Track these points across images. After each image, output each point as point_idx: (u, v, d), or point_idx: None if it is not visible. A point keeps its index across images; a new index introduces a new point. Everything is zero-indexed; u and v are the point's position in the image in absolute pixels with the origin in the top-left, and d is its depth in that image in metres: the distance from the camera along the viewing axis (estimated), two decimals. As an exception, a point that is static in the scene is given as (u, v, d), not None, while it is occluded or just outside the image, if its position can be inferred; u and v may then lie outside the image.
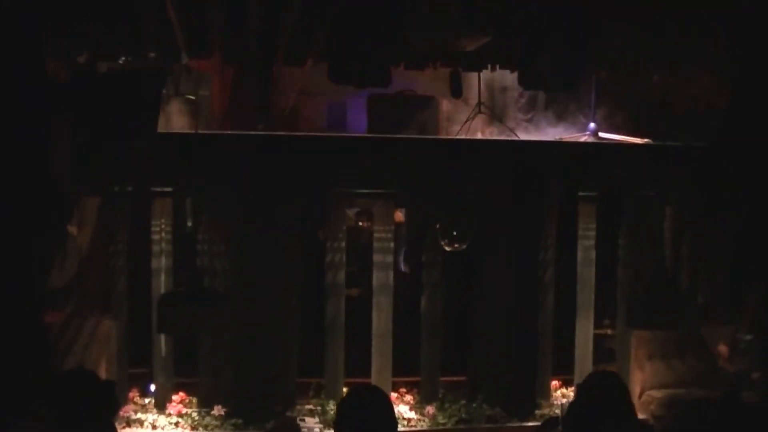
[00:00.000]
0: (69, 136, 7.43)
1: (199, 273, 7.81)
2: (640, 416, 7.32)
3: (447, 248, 8.98)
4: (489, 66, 8.36)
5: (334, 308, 9.25)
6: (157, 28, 7.33)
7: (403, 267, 11.20)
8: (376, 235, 9.39)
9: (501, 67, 8.34)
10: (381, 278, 9.35)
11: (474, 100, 9.58)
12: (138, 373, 9.23)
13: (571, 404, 4.90)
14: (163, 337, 8.92)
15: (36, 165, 6.87)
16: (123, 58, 7.99)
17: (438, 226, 9.04)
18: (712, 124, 9.06)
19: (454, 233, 8.85)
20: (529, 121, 10.02)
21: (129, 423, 8.65)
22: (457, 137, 9.07)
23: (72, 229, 8.26)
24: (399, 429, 8.60)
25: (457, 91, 8.98)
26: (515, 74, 9.62)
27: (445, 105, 9.74)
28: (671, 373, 9.52)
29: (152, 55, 7.73)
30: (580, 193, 9.29)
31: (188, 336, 8.89)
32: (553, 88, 8.18)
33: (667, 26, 7.50)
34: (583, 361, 9.68)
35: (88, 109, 7.32)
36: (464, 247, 8.92)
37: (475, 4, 6.98)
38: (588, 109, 9.46)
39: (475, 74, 9.31)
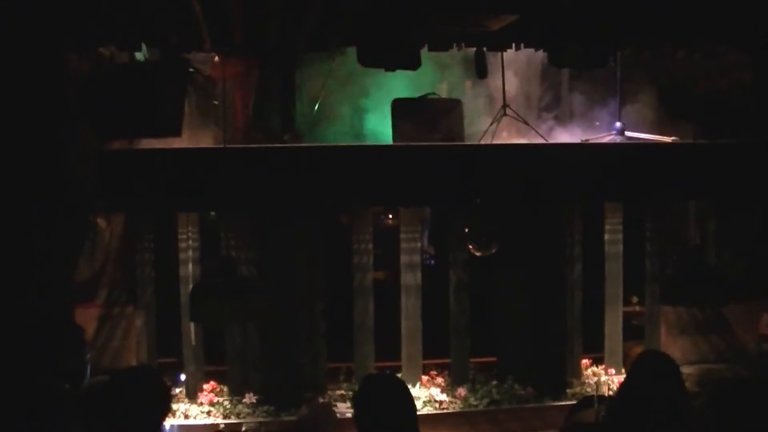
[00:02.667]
0: (89, 132, 7.39)
1: (231, 262, 7.77)
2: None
3: (476, 253, 8.98)
4: (514, 45, 8.28)
5: (363, 310, 9.26)
6: (180, 18, 7.26)
7: (427, 247, 11.19)
8: (402, 236, 9.39)
9: (526, 46, 8.24)
10: (409, 279, 9.37)
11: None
12: (167, 363, 9.26)
13: (622, 385, 4.88)
14: (192, 327, 8.94)
15: (53, 157, 6.82)
16: (144, 51, 7.96)
17: (466, 230, 9.04)
18: (738, 102, 9.00)
19: (483, 239, 8.86)
20: (554, 119, 9.95)
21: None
22: (482, 143, 9.00)
23: (100, 222, 8.25)
24: (431, 412, 8.79)
25: (481, 71, 8.88)
26: (538, 71, 9.62)
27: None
28: (700, 349, 9.54)
29: (174, 45, 7.67)
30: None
31: (219, 325, 8.91)
32: (583, 66, 8.09)
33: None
34: (613, 346, 9.74)
35: (110, 103, 7.27)
36: (492, 251, 8.92)
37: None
38: (614, 106, 9.39)
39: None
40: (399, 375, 9.21)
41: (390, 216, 10.61)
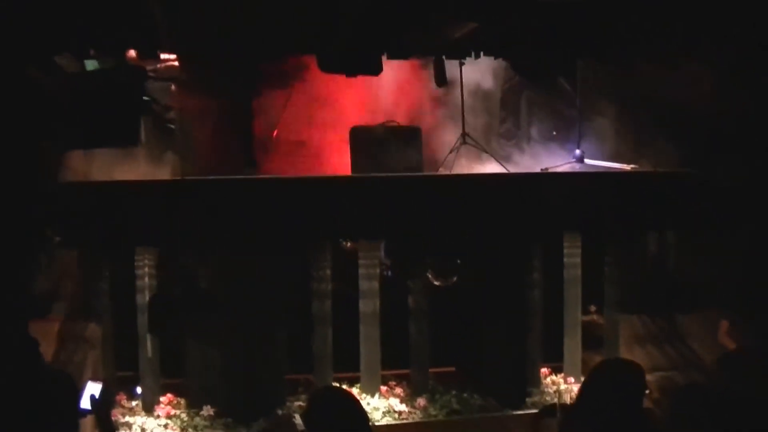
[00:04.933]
0: (50, 141, 7.33)
1: (189, 274, 7.73)
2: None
3: (435, 282, 8.99)
4: (473, 53, 8.31)
5: (322, 338, 9.14)
6: (138, 26, 7.22)
7: (384, 259, 11.15)
8: (361, 261, 9.29)
9: (485, 54, 8.28)
10: (368, 306, 9.27)
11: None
12: (124, 376, 9.12)
13: (582, 391, 4.87)
14: (149, 338, 8.83)
15: (16, 169, 6.76)
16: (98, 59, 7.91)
17: (426, 261, 9.04)
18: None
19: (443, 270, 8.87)
20: (513, 146, 10.00)
21: (117, 427, 8.53)
22: (441, 173, 9.01)
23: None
24: (390, 423, 8.74)
25: (441, 78, 8.89)
26: (497, 96, 9.66)
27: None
28: (654, 359, 9.57)
29: (131, 54, 7.63)
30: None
31: (176, 337, 8.82)
32: (538, 76, 8.15)
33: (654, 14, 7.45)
34: (572, 356, 9.77)
35: (67, 112, 7.19)
36: (453, 280, 8.93)
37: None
38: (574, 133, 9.45)
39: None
40: (358, 386, 9.22)
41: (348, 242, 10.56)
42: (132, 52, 7.82)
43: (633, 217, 8.86)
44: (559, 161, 9.35)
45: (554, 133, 9.99)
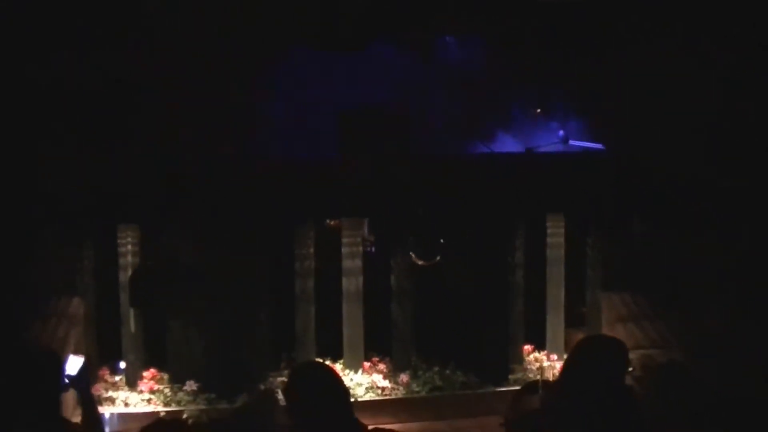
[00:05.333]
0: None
1: (171, 249, 7.71)
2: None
3: (418, 262, 9.00)
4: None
5: (305, 319, 9.20)
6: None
7: (368, 235, 11.15)
8: (344, 239, 9.32)
9: (472, 32, 8.27)
10: (351, 284, 9.30)
11: None
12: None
13: (566, 367, 4.88)
14: (132, 313, 8.83)
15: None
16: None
17: (410, 240, 9.06)
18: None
19: (425, 249, 8.89)
20: (498, 126, 9.98)
21: (100, 401, 8.52)
22: (427, 153, 9.01)
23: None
24: (373, 398, 8.75)
25: (428, 56, 8.89)
26: (483, 76, 9.65)
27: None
28: (635, 337, 9.60)
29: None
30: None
31: (158, 313, 8.81)
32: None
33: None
34: (555, 333, 9.79)
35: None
36: (436, 260, 8.95)
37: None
38: (558, 113, 9.44)
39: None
40: (341, 362, 9.23)
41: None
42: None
43: (617, 200, 8.87)
44: (544, 141, 9.34)
45: (538, 110, 9.95)
